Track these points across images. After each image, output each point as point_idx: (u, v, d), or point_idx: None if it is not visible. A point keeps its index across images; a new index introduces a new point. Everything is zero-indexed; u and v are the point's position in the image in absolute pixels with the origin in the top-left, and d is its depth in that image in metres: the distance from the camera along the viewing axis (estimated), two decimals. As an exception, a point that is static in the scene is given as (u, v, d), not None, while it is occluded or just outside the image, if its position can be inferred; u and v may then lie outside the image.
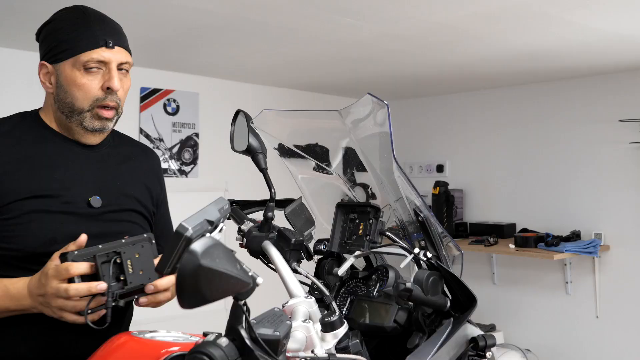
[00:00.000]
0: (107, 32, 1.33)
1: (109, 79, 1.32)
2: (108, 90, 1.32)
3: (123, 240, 1.16)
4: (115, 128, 1.53)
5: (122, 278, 1.14)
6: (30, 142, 1.34)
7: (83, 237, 1.18)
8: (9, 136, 1.32)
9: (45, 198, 1.29)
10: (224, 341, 0.85)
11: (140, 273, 1.16)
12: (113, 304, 1.13)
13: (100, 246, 1.13)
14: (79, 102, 1.32)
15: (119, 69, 1.35)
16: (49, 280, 1.13)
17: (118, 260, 1.14)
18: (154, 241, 1.21)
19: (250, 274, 0.84)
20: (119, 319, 1.41)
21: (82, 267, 1.11)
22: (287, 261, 1.26)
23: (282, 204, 1.38)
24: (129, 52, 1.39)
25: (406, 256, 1.25)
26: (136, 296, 1.20)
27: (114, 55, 1.33)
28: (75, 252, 1.12)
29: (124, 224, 1.38)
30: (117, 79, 1.32)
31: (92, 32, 1.31)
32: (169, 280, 1.20)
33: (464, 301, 1.23)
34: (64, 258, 1.13)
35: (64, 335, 1.28)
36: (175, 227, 0.85)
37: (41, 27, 1.39)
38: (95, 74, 1.32)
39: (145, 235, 1.20)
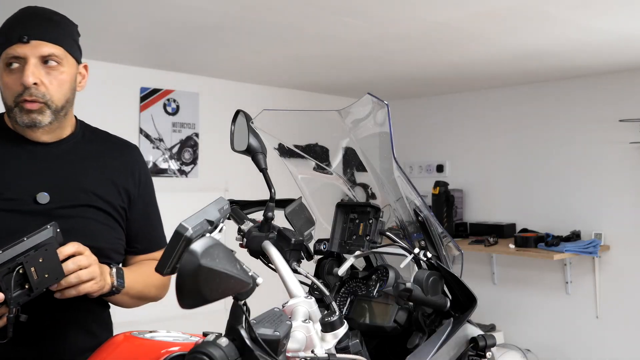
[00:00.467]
0: (25, 27, 1.32)
1: (22, 75, 1.31)
2: (24, 85, 1.31)
3: (25, 239, 1.13)
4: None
5: (26, 286, 1.13)
6: None
7: None
8: None
9: None
10: (224, 341, 0.85)
11: (46, 276, 1.14)
12: (13, 315, 1.12)
13: (0, 251, 1.11)
14: (7, 99, 1.34)
15: (45, 61, 1.33)
16: None
17: (21, 271, 1.12)
18: (58, 230, 1.19)
19: (250, 274, 0.85)
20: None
21: None
22: (287, 261, 1.26)
23: (282, 204, 1.38)
24: (63, 44, 1.36)
25: (406, 256, 1.25)
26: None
27: (31, 50, 1.31)
28: None
29: (76, 220, 1.36)
30: (29, 73, 1.30)
31: (11, 29, 1.32)
32: (79, 262, 1.21)
33: (464, 301, 1.23)
34: None
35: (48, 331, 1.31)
36: (166, 228, 0.85)
37: None
38: (15, 71, 1.32)
39: (48, 226, 1.17)
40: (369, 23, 2.76)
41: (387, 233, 1.34)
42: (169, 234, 1.05)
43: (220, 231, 0.85)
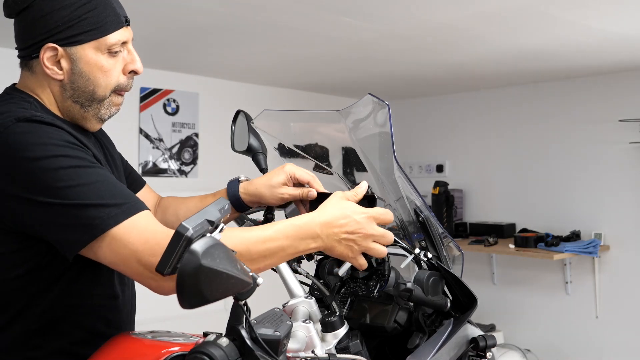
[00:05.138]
0: (121, 7, 1.19)
1: (132, 61, 1.20)
2: (130, 73, 1.21)
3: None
4: (106, 127, 1.51)
5: None
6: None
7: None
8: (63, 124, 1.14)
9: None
10: (224, 341, 0.85)
11: None
12: None
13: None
14: (102, 89, 1.17)
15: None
16: (371, 222, 1.10)
17: None
18: None
19: (250, 274, 0.84)
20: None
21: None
22: (287, 261, 1.26)
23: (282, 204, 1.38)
24: None
25: (407, 256, 1.25)
26: None
27: (130, 33, 1.20)
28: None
29: None
30: (139, 59, 1.20)
31: (113, 9, 1.16)
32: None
33: (464, 301, 1.23)
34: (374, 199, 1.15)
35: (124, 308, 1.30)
36: None
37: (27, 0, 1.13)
38: (117, 57, 1.18)
39: None
40: (369, 23, 2.76)
41: (388, 233, 1.34)
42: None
43: (220, 231, 0.85)
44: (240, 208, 1.39)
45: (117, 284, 1.23)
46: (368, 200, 1.15)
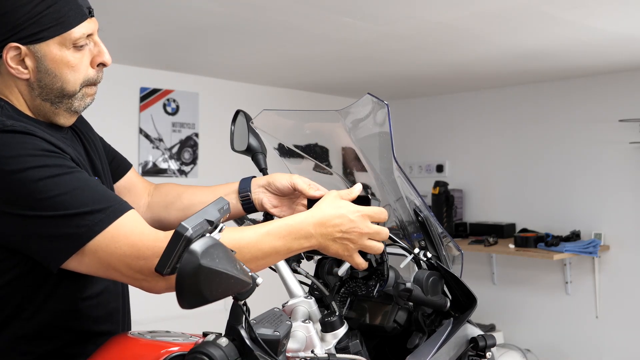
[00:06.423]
0: None
1: (100, 54, 1.17)
2: (99, 66, 1.18)
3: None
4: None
5: None
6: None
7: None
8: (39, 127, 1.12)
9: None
10: (223, 341, 0.85)
11: None
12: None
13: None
14: (71, 85, 1.14)
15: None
16: (365, 220, 1.11)
17: None
18: None
19: (250, 273, 0.84)
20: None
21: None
22: (287, 261, 1.26)
23: (282, 204, 1.37)
24: None
25: (406, 256, 1.25)
26: None
27: (95, 25, 1.16)
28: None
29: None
30: (106, 51, 1.17)
31: (75, 1, 1.11)
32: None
33: (464, 301, 1.23)
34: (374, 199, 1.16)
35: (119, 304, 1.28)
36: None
37: None
38: (83, 51, 1.14)
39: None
40: (369, 23, 2.76)
41: (387, 233, 1.34)
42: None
43: (220, 231, 0.85)
44: (248, 204, 1.37)
45: (100, 280, 1.20)
46: (362, 201, 1.16)
